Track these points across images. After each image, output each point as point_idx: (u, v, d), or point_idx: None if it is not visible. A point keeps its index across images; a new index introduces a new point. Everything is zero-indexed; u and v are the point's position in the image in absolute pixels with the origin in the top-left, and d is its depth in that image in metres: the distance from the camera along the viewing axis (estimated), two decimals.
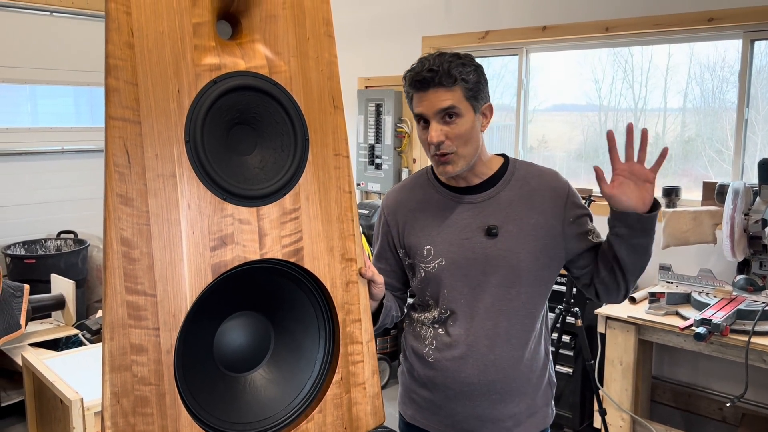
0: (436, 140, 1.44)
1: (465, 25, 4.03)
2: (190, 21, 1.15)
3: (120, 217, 1.08)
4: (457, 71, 1.43)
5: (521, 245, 1.49)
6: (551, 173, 1.58)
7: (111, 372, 1.08)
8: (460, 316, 1.53)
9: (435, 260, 1.54)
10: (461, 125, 1.45)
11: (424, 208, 1.58)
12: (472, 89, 1.45)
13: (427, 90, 1.44)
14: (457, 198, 1.55)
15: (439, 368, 1.56)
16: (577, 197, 1.56)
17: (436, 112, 1.44)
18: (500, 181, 1.54)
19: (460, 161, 1.48)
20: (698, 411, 3.24)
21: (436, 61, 1.44)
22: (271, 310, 1.32)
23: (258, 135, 1.24)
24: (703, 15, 3.06)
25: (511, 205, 1.51)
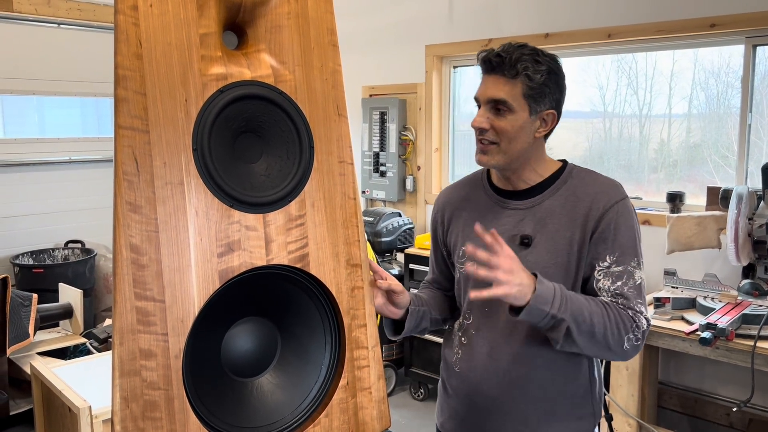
0: (477, 125, 1.39)
1: (468, 33, 4.06)
2: (197, 32, 1.17)
3: (129, 225, 1.10)
4: (523, 65, 1.34)
5: (551, 259, 1.40)
6: (606, 184, 1.43)
7: (120, 377, 1.10)
8: (483, 326, 1.48)
9: (469, 262, 1.49)
10: (510, 122, 1.37)
11: (469, 208, 1.53)
12: (535, 89, 1.36)
13: (489, 74, 1.38)
14: (501, 202, 1.49)
15: (463, 378, 1.52)
16: (621, 225, 1.38)
17: (487, 100, 1.38)
18: (548, 189, 1.45)
19: (498, 156, 1.40)
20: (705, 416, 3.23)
21: (512, 49, 1.36)
22: (278, 315, 1.33)
23: (264, 143, 1.26)
24: (706, 21, 3.07)
25: (550, 216, 1.42)
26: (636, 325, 1.35)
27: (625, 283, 1.37)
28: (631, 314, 1.36)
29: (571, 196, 1.42)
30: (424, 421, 3.63)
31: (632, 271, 1.38)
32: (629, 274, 1.38)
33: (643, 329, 1.37)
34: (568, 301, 1.31)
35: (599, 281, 1.39)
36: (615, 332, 1.34)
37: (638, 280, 1.38)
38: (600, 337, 1.33)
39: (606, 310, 1.34)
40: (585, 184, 1.43)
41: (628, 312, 1.36)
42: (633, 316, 1.36)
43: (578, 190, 1.43)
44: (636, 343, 1.36)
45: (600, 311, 1.34)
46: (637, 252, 1.39)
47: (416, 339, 3.87)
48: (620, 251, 1.38)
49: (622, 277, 1.37)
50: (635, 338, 1.36)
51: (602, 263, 1.38)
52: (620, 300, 1.38)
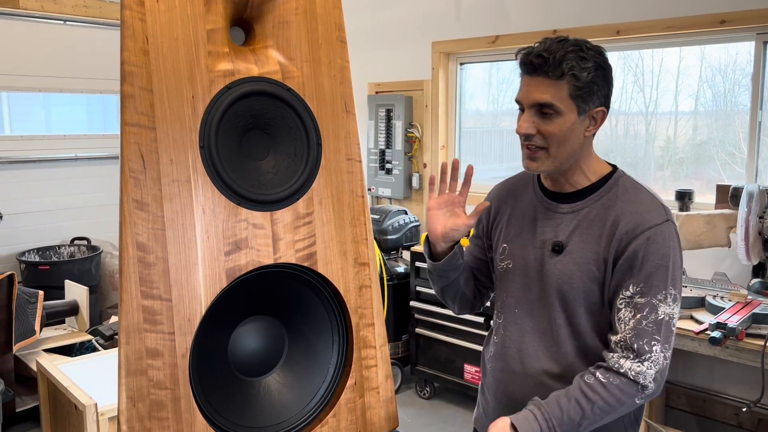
0: (523, 131, 1.31)
1: (475, 30, 4.03)
2: (204, 27, 1.16)
3: (135, 222, 1.09)
4: (568, 64, 1.26)
5: (577, 272, 1.34)
6: (645, 203, 1.32)
7: (127, 376, 1.09)
8: (513, 327, 1.45)
9: (505, 261, 1.47)
10: (557, 124, 1.29)
11: (516, 206, 1.49)
12: (582, 88, 1.28)
13: (531, 76, 1.29)
14: (546, 203, 1.43)
15: (492, 377, 1.51)
16: (650, 254, 1.28)
17: (532, 104, 1.30)
18: (590, 196, 1.37)
19: (548, 161, 1.33)
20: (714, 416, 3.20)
21: (553, 47, 1.27)
22: (285, 314, 1.32)
23: (271, 140, 1.25)
24: (716, 17, 3.04)
25: (585, 225, 1.35)
26: (641, 386, 1.28)
27: (645, 317, 1.28)
28: (633, 376, 1.27)
29: (609, 207, 1.34)
30: (430, 420, 3.61)
31: (656, 306, 1.28)
32: (652, 308, 1.28)
33: (650, 385, 1.28)
34: (557, 429, 1.27)
35: (620, 311, 1.31)
36: (621, 407, 1.29)
37: (661, 315, 1.28)
38: (608, 418, 1.30)
39: (600, 398, 1.28)
40: (625, 199, 1.34)
41: (629, 375, 1.28)
42: (635, 379, 1.27)
43: (617, 203, 1.34)
44: (649, 393, 1.29)
45: (595, 406, 1.28)
46: (665, 285, 1.28)
47: (422, 337, 3.86)
48: (645, 282, 1.28)
49: (644, 310, 1.28)
50: (648, 392, 1.29)
51: (625, 292, 1.30)
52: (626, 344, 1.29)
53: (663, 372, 1.30)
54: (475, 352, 3.57)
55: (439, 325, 3.75)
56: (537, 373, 1.41)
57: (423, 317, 3.83)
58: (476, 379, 3.58)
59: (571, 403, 1.29)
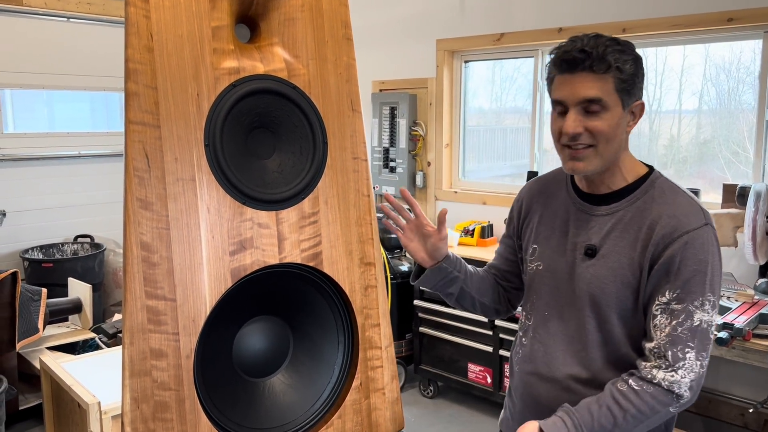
0: (571, 131, 1.25)
1: (480, 28, 4.01)
2: (209, 24, 1.15)
3: (140, 222, 1.08)
4: (613, 57, 1.23)
5: (611, 276, 1.30)
6: (682, 206, 1.28)
7: (131, 377, 1.07)
8: (541, 330, 1.42)
9: (535, 262, 1.44)
10: (606, 120, 1.25)
11: (548, 206, 1.45)
12: (626, 81, 1.25)
13: (573, 73, 1.25)
14: (578, 205, 1.39)
15: (519, 380, 1.47)
16: (687, 259, 1.24)
17: (579, 101, 1.25)
18: (625, 198, 1.33)
19: (595, 160, 1.28)
20: (719, 417, 3.19)
21: (591, 42, 1.24)
22: (290, 314, 1.31)
23: (277, 139, 1.24)
24: (723, 15, 3.02)
25: (619, 229, 1.31)
26: (675, 395, 1.24)
27: (681, 323, 1.24)
28: (667, 385, 1.24)
29: (645, 210, 1.30)
30: (434, 419, 3.60)
31: (692, 312, 1.24)
32: (688, 315, 1.24)
33: (685, 394, 1.25)
34: None
35: (656, 318, 1.27)
36: (655, 416, 1.26)
37: (697, 322, 1.24)
38: (641, 428, 1.26)
39: (634, 406, 1.24)
40: (662, 201, 1.30)
41: (663, 385, 1.24)
42: (669, 388, 1.24)
43: (653, 206, 1.30)
44: (684, 401, 1.26)
45: (629, 414, 1.24)
46: (703, 291, 1.24)
47: (425, 336, 3.85)
48: (682, 288, 1.24)
49: (679, 316, 1.24)
50: (683, 401, 1.26)
51: (662, 298, 1.26)
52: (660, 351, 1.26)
53: (699, 380, 1.26)
54: (479, 352, 3.56)
55: (443, 324, 3.73)
56: (564, 378, 1.38)
57: (427, 316, 3.81)
58: (480, 378, 3.57)
59: (603, 410, 1.25)
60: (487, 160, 4.40)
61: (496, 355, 3.47)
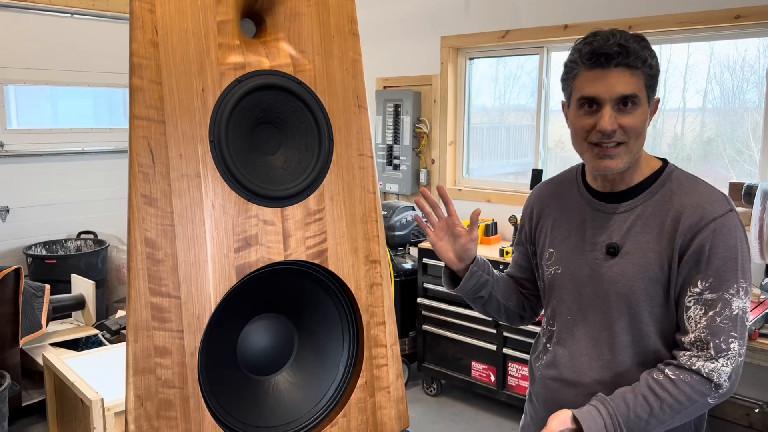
0: (610, 128, 1.23)
1: (485, 25, 4.00)
2: (214, 19, 1.14)
3: (144, 218, 1.07)
4: (645, 53, 1.22)
5: (638, 273, 1.27)
6: (705, 195, 1.26)
7: (135, 375, 1.07)
8: (565, 334, 1.40)
9: (553, 266, 1.42)
10: (637, 116, 1.24)
11: (562, 208, 1.43)
12: (654, 77, 1.25)
13: (607, 68, 1.22)
14: (594, 204, 1.37)
15: (542, 385, 1.46)
16: (717, 246, 1.22)
17: (616, 98, 1.22)
18: (643, 193, 1.31)
19: (626, 157, 1.27)
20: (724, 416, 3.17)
21: (622, 37, 1.21)
22: (295, 312, 1.30)
23: (282, 135, 1.23)
24: (730, 12, 3.00)
25: (641, 224, 1.29)
26: (714, 384, 1.21)
27: (719, 313, 1.22)
28: (706, 373, 1.21)
29: (666, 203, 1.28)
30: (437, 417, 3.60)
31: (729, 300, 1.21)
32: (725, 303, 1.21)
33: (725, 384, 1.22)
34: (622, 428, 1.21)
35: (689, 309, 1.25)
36: (692, 407, 1.23)
37: (735, 310, 1.22)
38: (678, 419, 1.23)
39: (670, 395, 1.22)
40: (683, 192, 1.28)
41: (702, 373, 1.21)
42: (708, 376, 1.21)
43: (674, 198, 1.28)
44: (723, 392, 1.23)
45: (665, 404, 1.22)
46: (736, 277, 1.22)
47: (429, 334, 3.84)
48: (715, 276, 1.22)
49: (716, 306, 1.22)
50: (722, 391, 1.22)
51: (694, 288, 1.24)
52: (701, 342, 1.22)
53: (738, 369, 1.23)
54: (482, 350, 3.55)
55: (447, 322, 3.72)
56: (590, 383, 1.35)
57: (430, 314, 3.81)
58: (484, 376, 3.56)
59: (638, 400, 1.23)
60: (490, 158, 4.38)
61: (499, 353, 3.46)
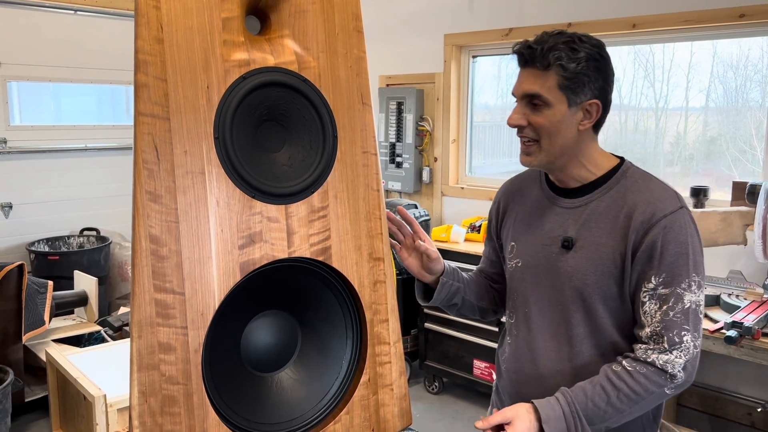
0: (514, 122, 1.31)
1: (489, 23, 3.99)
2: (219, 16, 1.14)
3: (149, 215, 1.07)
4: (555, 55, 1.25)
5: (591, 267, 1.31)
6: (657, 192, 1.30)
7: (139, 371, 1.07)
8: (523, 327, 1.43)
9: (514, 260, 1.45)
10: (546, 116, 1.28)
11: (524, 203, 1.47)
12: (571, 79, 1.26)
13: (523, 68, 1.30)
14: (552, 199, 1.41)
15: (507, 378, 1.48)
16: (669, 242, 1.25)
17: (522, 95, 1.31)
18: (598, 189, 1.35)
19: (541, 154, 1.32)
20: (726, 416, 3.17)
21: (544, 38, 1.28)
22: (299, 309, 1.30)
23: (286, 132, 1.23)
24: (735, 11, 2.99)
25: (595, 219, 1.32)
26: (669, 375, 1.25)
27: (672, 308, 1.25)
28: (661, 364, 1.25)
29: (619, 199, 1.32)
30: (439, 415, 3.60)
31: (681, 294, 1.25)
32: (677, 298, 1.25)
33: (679, 375, 1.25)
34: (581, 417, 1.24)
35: (645, 305, 1.28)
36: (649, 397, 1.26)
37: (687, 304, 1.25)
38: (636, 410, 1.27)
39: (627, 386, 1.25)
40: (636, 189, 1.31)
41: (657, 364, 1.25)
42: (663, 368, 1.25)
43: (627, 194, 1.31)
44: (679, 382, 1.26)
45: (621, 393, 1.25)
46: (688, 272, 1.26)
47: (431, 332, 3.84)
48: (668, 272, 1.26)
49: (669, 300, 1.26)
50: (677, 382, 1.26)
51: (648, 284, 1.28)
52: (656, 336, 1.26)
53: (694, 361, 1.27)
54: (484, 348, 3.55)
55: (448, 320, 3.72)
56: (550, 375, 1.38)
57: (432, 312, 3.81)
58: (486, 374, 3.56)
59: (596, 389, 1.26)
60: (493, 156, 4.38)
61: None
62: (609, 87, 1.33)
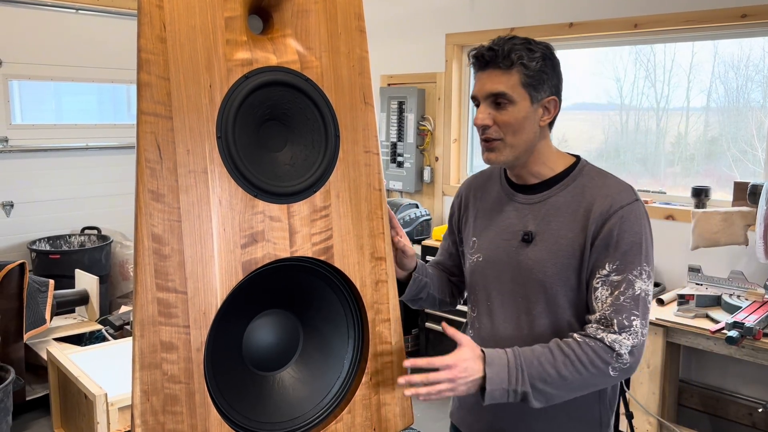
0: (480, 122, 1.35)
1: (490, 22, 3.99)
2: (222, 15, 1.14)
3: (151, 214, 1.07)
4: (517, 54, 1.32)
5: (551, 259, 1.36)
6: (614, 186, 1.37)
7: (141, 370, 1.07)
8: (486, 320, 1.47)
9: (475, 254, 1.48)
10: (512, 113, 1.34)
11: (485, 199, 1.52)
12: (532, 77, 1.33)
13: (484, 70, 1.35)
14: (511, 195, 1.46)
15: None
16: (624, 232, 1.31)
17: (486, 96, 1.35)
18: (556, 185, 1.41)
19: (506, 150, 1.37)
20: (727, 416, 3.17)
21: (501, 41, 1.34)
22: (300, 308, 1.30)
23: (289, 131, 1.23)
24: (736, 11, 2.99)
25: (554, 213, 1.38)
26: (616, 353, 1.28)
27: (623, 293, 1.30)
28: (609, 342, 1.28)
29: (577, 195, 1.38)
30: (439, 414, 3.60)
31: (632, 281, 1.30)
32: (628, 284, 1.30)
33: (625, 355, 1.29)
34: (524, 369, 1.28)
35: (597, 290, 1.33)
36: (593, 371, 1.29)
37: (638, 291, 1.30)
38: (578, 383, 1.29)
39: (575, 354, 1.29)
40: (593, 184, 1.38)
41: (605, 341, 1.29)
42: (611, 345, 1.28)
43: (585, 190, 1.38)
44: (626, 366, 1.30)
45: (568, 360, 1.28)
46: (640, 261, 1.31)
47: (431, 332, 3.84)
48: (621, 259, 1.31)
49: (621, 286, 1.31)
50: (622, 364, 1.29)
51: (602, 271, 1.32)
52: (606, 319, 1.30)
53: (640, 347, 1.31)
54: None
55: (449, 319, 3.73)
56: None
57: (433, 312, 3.81)
58: None
59: (545, 351, 1.30)
60: None
61: None
62: (561, 85, 1.41)
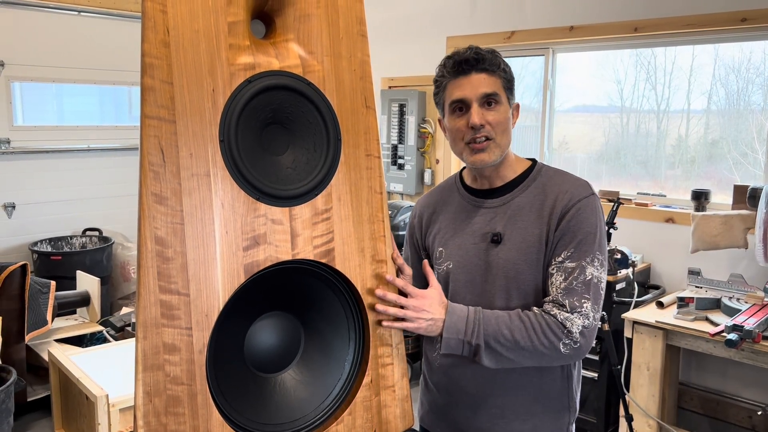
0: (479, 121, 1.39)
1: (490, 25, 4.00)
2: (225, 20, 1.15)
3: (154, 216, 1.08)
4: (498, 60, 1.43)
5: (522, 256, 1.42)
6: (572, 182, 1.45)
7: (144, 371, 1.08)
8: None
9: (444, 263, 1.52)
10: (501, 113, 1.42)
11: (446, 211, 1.57)
12: (510, 81, 1.45)
13: (469, 74, 1.41)
14: (475, 202, 1.52)
15: (442, 374, 1.54)
16: (581, 222, 1.39)
17: (480, 96, 1.40)
18: (518, 187, 1.48)
19: (496, 150, 1.43)
20: (726, 418, 3.18)
21: (477, 48, 1.43)
22: (302, 310, 1.31)
23: (291, 135, 1.24)
24: (736, 15, 3.00)
25: (520, 213, 1.45)
26: (567, 330, 1.34)
27: (576, 278, 1.37)
28: (561, 319, 1.35)
29: (539, 193, 1.45)
30: None
31: (585, 267, 1.37)
32: (581, 270, 1.37)
33: (576, 334, 1.34)
34: (481, 325, 1.36)
35: (553, 276, 1.40)
36: (545, 341, 1.35)
37: (589, 276, 1.37)
38: (529, 350, 1.35)
39: (530, 321, 1.35)
40: (553, 182, 1.46)
41: (558, 318, 1.35)
42: (563, 322, 1.35)
43: (546, 188, 1.46)
44: (576, 346, 1.35)
45: (522, 325, 1.35)
46: (593, 249, 1.39)
47: None
48: (576, 248, 1.39)
49: (574, 272, 1.38)
50: (572, 342, 1.35)
51: (558, 258, 1.40)
52: (558, 301, 1.37)
53: (591, 330, 1.37)
54: None
55: None
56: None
57: None
58: None
59: (503, 314, 1.38)
60: None
61: None
62: None
